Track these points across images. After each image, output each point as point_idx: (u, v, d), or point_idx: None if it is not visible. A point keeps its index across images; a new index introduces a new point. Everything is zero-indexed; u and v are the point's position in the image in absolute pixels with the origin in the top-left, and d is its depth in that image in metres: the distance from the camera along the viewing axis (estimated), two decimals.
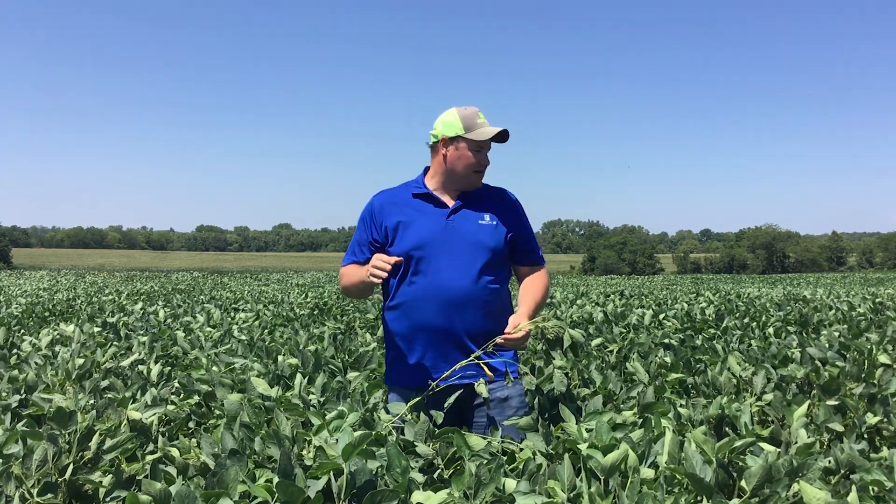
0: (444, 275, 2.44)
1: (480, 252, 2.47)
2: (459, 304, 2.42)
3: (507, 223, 2.55)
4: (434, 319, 2.43)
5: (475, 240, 2.47)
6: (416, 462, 1.95)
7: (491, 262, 2.48)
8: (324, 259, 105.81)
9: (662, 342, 4.48)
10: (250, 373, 3.35)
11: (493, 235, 2.50)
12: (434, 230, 2.48)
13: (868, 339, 4.28)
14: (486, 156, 2.53)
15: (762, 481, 1.67)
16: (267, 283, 21.29)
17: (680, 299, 10.36)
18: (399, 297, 2.52)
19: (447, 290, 2.42)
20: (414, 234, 2.49)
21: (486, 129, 2.48)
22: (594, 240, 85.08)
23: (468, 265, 2.45)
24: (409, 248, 2.48)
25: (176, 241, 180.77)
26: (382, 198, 2.61)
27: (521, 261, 2.61)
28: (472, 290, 2.43)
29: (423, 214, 2.52)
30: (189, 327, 5.95)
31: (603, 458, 1.77)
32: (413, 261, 2.47)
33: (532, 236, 2.65)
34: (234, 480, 1.64)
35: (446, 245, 2.46)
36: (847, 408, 2.69)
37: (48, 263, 62.90)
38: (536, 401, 2.70)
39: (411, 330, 2.48)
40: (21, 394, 2.90)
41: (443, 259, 2.45)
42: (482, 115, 2.52)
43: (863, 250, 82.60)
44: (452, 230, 2.49)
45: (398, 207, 2.56)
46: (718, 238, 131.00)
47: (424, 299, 2.45)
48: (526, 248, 2.61)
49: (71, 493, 1.90)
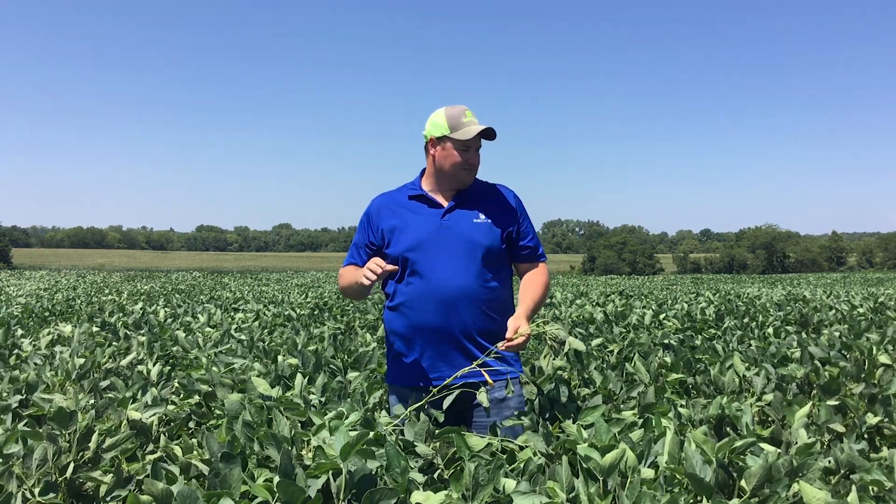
0: (439, 275, 2.44)
1: (476, 251, 2.46)
2: (456, 303, 2.42)
3: (503, 220, 2.54)
4: (431, 319, 2.44)
5: (470, 238, 2.47)
6: (416, 462, 1.95)
7: (487, 261, 2.48)
8: (324, 259, 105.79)
9: (662, 342, 4.48)
10: (250, 373, 3.35)
11: (488, 233, 2.50)
12: (429, 231, 2.49)
13: (868, 339, 4.28)
14: (474, 154, 2.51)
15: (762, 481, 1.67)
16: (267, 283, 21.28)
17: (680, 299, 10.35)
18: (397, 297, 2.53)
19: (443, 290, 2.43)
20: (409, 235, 2.50)
21: (471, 127, 2.47)
22: (594, 240, 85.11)
23: (464, 264, 2.45)
24: (404, 249, 2.49)
25: (176, 241, 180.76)
26: (379, 201, 2.63)
27: (520, 258, 2.60)
28: (469, 289, 2.43)
29: (417, 216, 2.53)
30: (189, 327, 5.95)
31: (601, 459, 1.77)
32: (409, 262, 2.48)
33: (532, 232, 2.64)
34: (237, 481, 1.64)
35: (441, 245, 2.47)
36: (847, 408, 2.69)
37: (48, 263, 62.89)
38: (537, 401, 2.70)
39: (410, 330, 2.49)
40: (21, 394, 2.90)
41: (438, 259, 2.45)
42: (469, 113, 2.50)
43: (863, 250, 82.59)
44: (447, 230, 2.49)
45: (394, 210, 2.57)
46: (718, 238, 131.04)
47: (421, 299, 2.45)
48: (524, 245, 2.60)
49: (71, 492, 1.90)
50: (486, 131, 2.48)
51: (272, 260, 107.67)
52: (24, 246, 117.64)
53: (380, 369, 3.45)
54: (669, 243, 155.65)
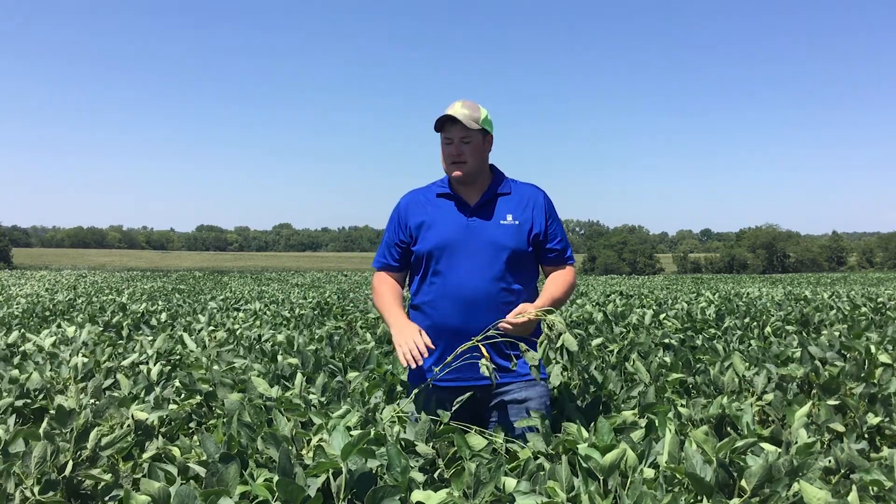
0: (462, 275, 2.41)
1: (500, 252, 2.43)
2: (477, 304, 2.39)
3: (531, 223, 2.50)
4: (452, 320, 2.41)
5: (495, 240, 2.44)
6: (417, 461, 1.95)
7: (512, 263, 2.44)
8: (324, 259, 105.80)
9: (663, 342, 4.48)
10: (251, 373, 3.35)
11: (514, 236, 2.46)
12: (454, 230, 2.46)
13: (868, 338, 4.27)
14: (456, 148, 2.46)
15: (763, 481, 1.66)
16: (267, 283, 21.29)
17: (680, 299, 10.35)
18: (420, 296, 2.52)
19: (465, 291, 2.40)
20: (435, 233, 2.48)
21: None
22: (594, 239, 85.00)
23: (487, 266, 2.41)
24: (430, 247, 2.47)
25: (176, 240, 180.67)
26: (409, 198, 2.61)
27: (547, 260, 2.56)
28: (491, 290, 2.40)
29: (444, 214, 2.50)
30: (189, 327, 5.95)
31: (602, 458, 1.77)
32: (433, 261, 2.46)
33: (561, 236, 2.58)
34: (234, 479, 1.64)
35: (466, 245, 2.44)
36: (847, 407, 2.68)
37: (49, 263, 62.86)
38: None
39: (430, 329, 2.44)
40: (25, 394, 2.90)
41: (462, 259, 2.43)
42: (459, 105, 2.47)
43: (863, 250, 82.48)
44: (473, 230, 2.46)
45: (422, 207, 2.55)
46: (718, 238, 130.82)
47: (443, 299, 2.43)
48: (552, 248, 2.54)
49: (70, 491, 1.90)
50: (444, 118, 2.45)
51: (272, 260, 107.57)
52: (25, 246, 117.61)
53: (378, 369, 3.45)
54: (669, 243, 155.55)
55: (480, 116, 2.48)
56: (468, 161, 2.47)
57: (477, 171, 2.51)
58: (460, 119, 2.42)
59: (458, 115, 2.43)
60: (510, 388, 2.43)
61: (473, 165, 2.49)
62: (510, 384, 2.43)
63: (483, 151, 2.52)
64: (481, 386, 2.38)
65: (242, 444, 2.00)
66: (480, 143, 2.50)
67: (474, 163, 2.49)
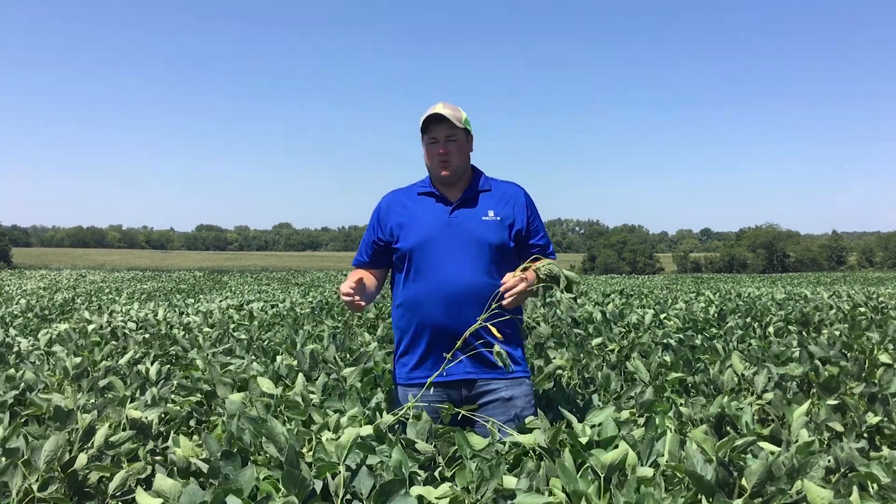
0: (445, 272, 2.43)
1: (483, 248, 2.45)
2: (462, 300, 2.40)
3: (513, 218, 2.53)
4: (437, 317, 2.43)
5: (477, 236, 2.46)
6: (417, 460, 1.95)
7: (494, 259, 2.46)
8: (324, 258, 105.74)
9: (663, 342, 4.47)
10: (251, 372, 3.35)
11: (497, 231, 2.48)
12: (436, 227, 2.48)
13: (869, 338, 4.27)
14: (441, 147, 2.48)
15: (763, 480, 1.66)
16: (267, 282, 21.28)
17: (680, 299, 10.34)
18: (403, 294, 2.53)
19: (449, 287, 2.42)
20: (417, 231, 2.49)
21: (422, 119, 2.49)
22: (594, 239, 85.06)
23: (470, 262, 2.43)
24: (412, 244, 2.48)
25: (176, 240, 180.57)
26: (390, 198, 2.64)
27: (530, 256, 2.55)
28: (475, 286, 2.41)
29: (426, 212, 2.53)
30: (189, 327, 5.95)
31: (603, 457, 1.77)
32: (416, 258, 2.47)
33: (542, 231, 2.61)
34: (249, 482, 1.63)
35: (448, 242, 2.46)
36: (847, 407, 2.68)
37: (48, 263, 62.80)
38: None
39: (416, 327, 2.47)
40: (19, 392, 2.89)
41: (445, 256, 2.44)
42: (438, 106, 2.49)
43: (863, 250, 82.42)
44: (455, 227, 2.48)
45: (403, 206, 2.57)
46: (718, 237, 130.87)
47: (427, 296, 2.45)
48: (534, 244, 2.58)
49: (73, 489, 1.90)
50: (431, 117, 2.47)
51: (272, 259, 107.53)
52: (25, 245, 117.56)
53: (377, 368, 3.45)
54: (669, 242, 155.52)
55: (462, 116, 2.52)
56: (454, 160, 2.50)
57: (462, 170, 2.55)
58: (447, 117, 2.45)
59: (443, 113, 2.45)
60: (496, 386, 2.44)
61: (459, 164, 2.53)
62: (496, 381, 2.44)
63: (467, 150, 2.57)
64: (467, 380, 2.41)
65: (244, 442, 2.00)
66: (464, 142, 2.54)
67: (460, 161, 2.53)
